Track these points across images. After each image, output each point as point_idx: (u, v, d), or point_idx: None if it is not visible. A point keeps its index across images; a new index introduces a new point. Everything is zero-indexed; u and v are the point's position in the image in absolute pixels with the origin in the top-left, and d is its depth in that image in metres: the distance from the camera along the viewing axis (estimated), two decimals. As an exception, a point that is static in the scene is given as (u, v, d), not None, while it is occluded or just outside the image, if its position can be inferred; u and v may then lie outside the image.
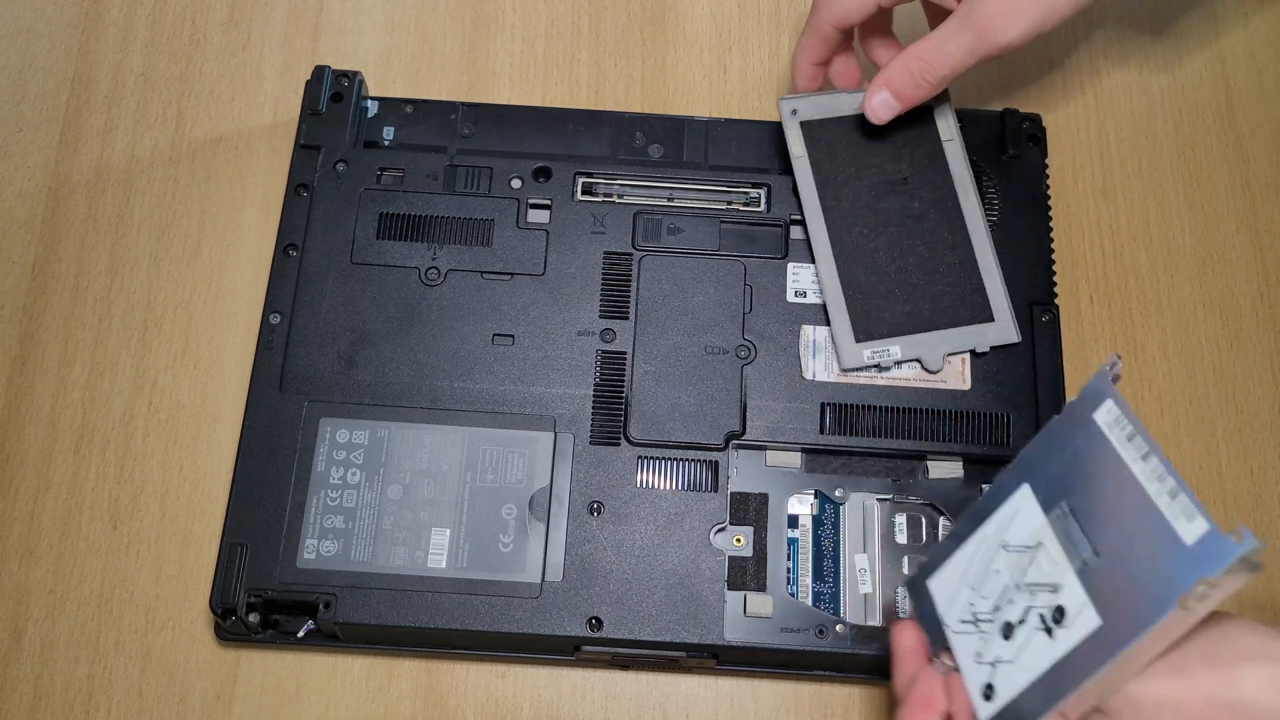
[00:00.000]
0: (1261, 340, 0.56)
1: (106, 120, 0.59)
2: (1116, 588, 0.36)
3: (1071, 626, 0.37)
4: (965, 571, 0.42)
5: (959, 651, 0.41)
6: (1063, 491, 0.40)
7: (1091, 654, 0.36)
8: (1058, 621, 0.38)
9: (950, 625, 0.42)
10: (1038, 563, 0.40)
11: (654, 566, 0.49)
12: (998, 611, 0.40)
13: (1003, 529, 0.42)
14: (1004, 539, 0.41)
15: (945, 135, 0.55)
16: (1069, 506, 0.39)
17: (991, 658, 0.40)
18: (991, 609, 0.41)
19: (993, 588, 0.41)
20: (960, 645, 0.42)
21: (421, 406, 0.51)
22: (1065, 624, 0.38)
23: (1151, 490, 0.36)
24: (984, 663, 0.40)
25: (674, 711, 0.50)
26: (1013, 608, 0.40)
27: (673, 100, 0.61)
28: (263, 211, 0.58)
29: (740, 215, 0.55)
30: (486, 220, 0.55)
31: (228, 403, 0.54)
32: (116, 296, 0.56)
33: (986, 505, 0.42)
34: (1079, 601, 0.37)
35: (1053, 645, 0.38)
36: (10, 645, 0.50)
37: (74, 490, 0.53)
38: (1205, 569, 0.34)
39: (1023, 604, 0.40)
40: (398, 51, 0.61)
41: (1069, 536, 0.39)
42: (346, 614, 0.48)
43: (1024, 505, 0.41)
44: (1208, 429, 0.55)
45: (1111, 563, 0.37)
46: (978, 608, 0.41)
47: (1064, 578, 0.38)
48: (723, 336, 0.53)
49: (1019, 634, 0.39)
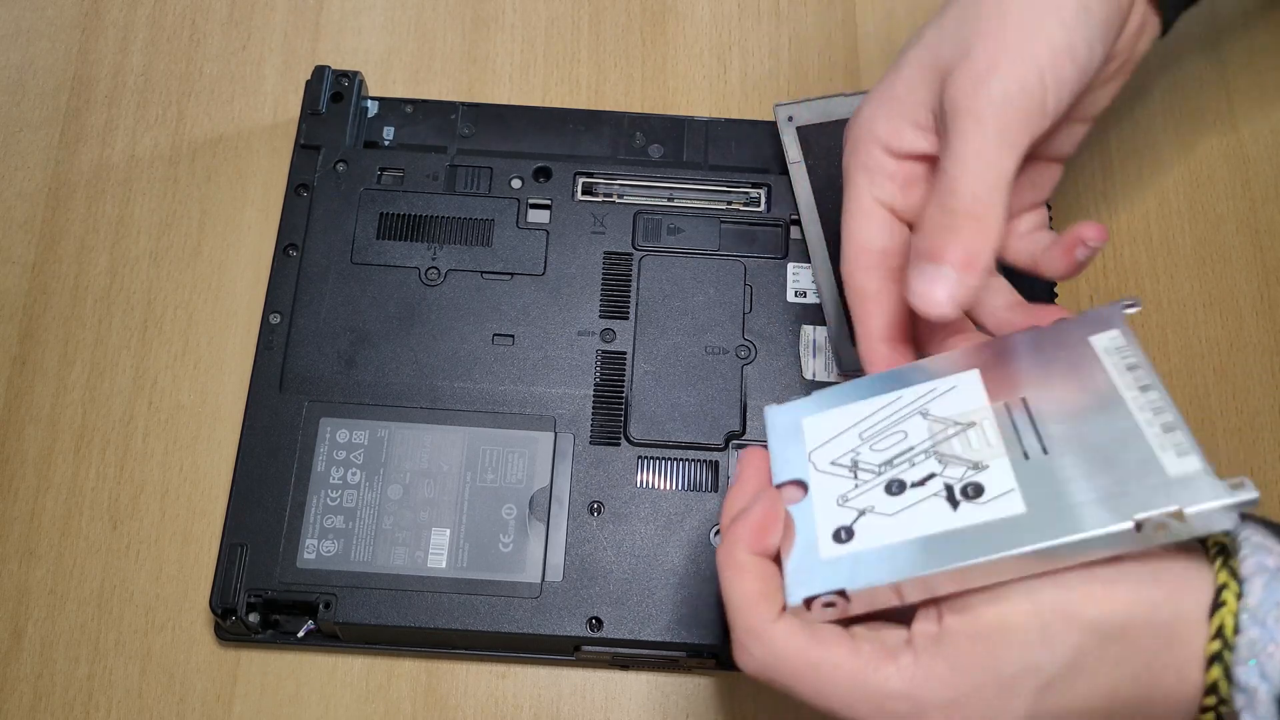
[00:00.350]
0: (1261, 340, 0.57)
1: (106, 120, 0.59)
2: (1058, 487, 0.34)
3: (985, 506, 0.35)
4: (859, 423, 0.39)
5: (817, 489, 0.38)
6: (1021, 387, 0.37)
7: (997, 538, 0.34)
8: (969, 496, 0.35)
9: (816, 463, 0.38)
10: (965, 438, 0.37)
11: (654, 566, 0.49)
12: (889, 467, 0.37)
13: (926, 399, 0.38)
14: (926, 408, 0.38)
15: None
16: (1025, 401, 0.37)
17: (861, 505, 0.37)
18: (881, 463, 0.37)
19: (891, 445, 0.38)
20: (821, 484, 0.38)
21: (421, 406, 0.51)
22: (978, 501, 0.35)
23: (1142, 419, 0.34)
24: (847, 506, 0.37)
25: (674, 711, 0.50)
26: (912, 470, 0.37)
27: (673, 100, 0.61)
28: (263, 211, 0.58)
29: (740, 215, 0.55)
30: (486, 220, 0.55)
31: (228, 403, 0.54)
32: (116, 296, 0.56)
33: (906, 376, 0.39)
34: (1005, 485, 0.35)
35: (951, 516, 0.35)
36: (10, 645, 0.50)
37: (74, 490, 0.53)
38: (1184, 500, 0.32)
39: (927, 469, 0.36)
40: (398, 51, 0.62)
41: (1016, 427, 0.36)
42: (346, 614, 0.48)
43: (965, 385, 0.38)
44: (1208, 429, 0.55)
45: (1061, 464, 0.35)
46: (863, 458, 0.38)
47: (994, 460, 0.36)
48: (723, 336, 0.53)
49: (910, 494, 0.36)
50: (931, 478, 0.36)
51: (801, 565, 0.36)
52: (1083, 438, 0.35)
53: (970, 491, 0.35)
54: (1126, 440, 0.34)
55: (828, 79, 0.61)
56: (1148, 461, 0.33)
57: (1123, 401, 0.35)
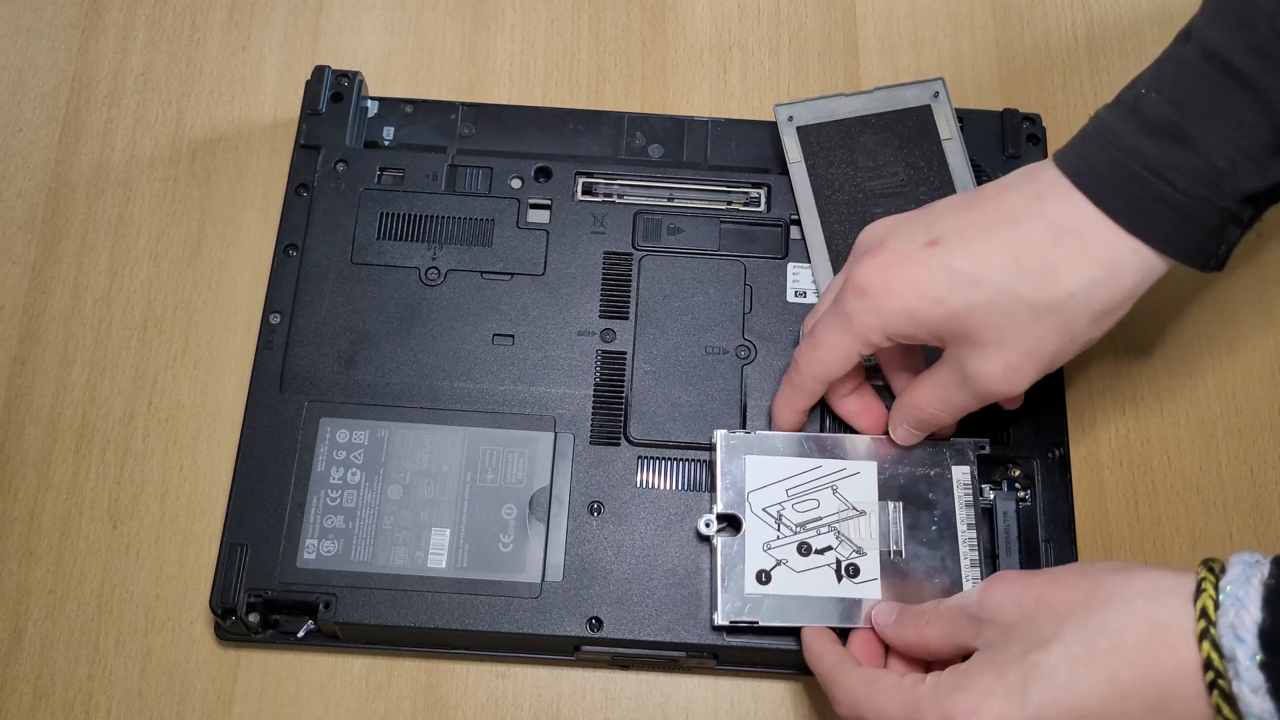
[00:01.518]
0: (1261, 340, 0.56)
1: (106, 120, 0.59)
2: (903, 583, 0.48)
3: (858, 585, 0.47)
4: (789, 478, 0.49)
5: (749, 530, 0.48)
6: (901, 495, 0.49)
7: (857, 613, 0.47)
8: (850, 574, 0.48)
9: (752, 504, 0.49)
10: (857, 523, 0.48)
11: (654, 566, 0.49)
12: (803, 530, 0.48)
13: (837, 477, 0.49)
14: (836, 485, 0.49)
15: (945, 134, 0.55)
16: (902, 509, 0.49)
17: (779, 556, 0.48)
18: (797, 524, 0.48)
19: (807, 510, 0.49)
20: (753, 527, 0.48)
21: (421, 406, 0.51)
22: (854, 580, 0.48)
23: (964, 550, 0.48)
24: (769, 554, 0.48)
25: (674, 711, 0.50)
26: (818, 538, 0.48)
27: (673, 100, 0.61)
28: (263, 211, 0.58)
29: (740, 215, 0.55)
30: (486, 220, 0.55)
31: (228, 403, 0.54)
32: (116, 296, 0.56)
33: (828, 447, 0.50)
34: (872, 574, 0.48)
35: (835, 586, 0.47)
36: (10, 645, 0.50)
37: (74, 490, 0.53)
38: None
39: (827, 541, 0.48)
40: (398, 51, 0.62)
41: (889, 527, 0.48)
42: (346, 614, 0.48)
43: (866, 475, 0.49)
44: (1208, 429, 0.55)
45: (910, 567, 0.48)
46: (786, 514, 0.48)
47: (870, 551, 0.48)
48: (723, 336, 0.53)
49: (813, 558, 0.48)
50: (829, 549, 0.48)
51: (731, 593, 0.47)
52: (928, 553, 0.48)
53: (851, 571, 0.48)
54: (946, 564, 0.48)
55: (828, 79, 0.61)
56: (956, 583, 0.48)
57: (957, 536, 0.48)
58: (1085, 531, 0.52)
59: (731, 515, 0.48)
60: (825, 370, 0.47)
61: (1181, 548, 0.53)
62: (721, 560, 0.48)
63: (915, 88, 0.56)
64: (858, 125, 0.55)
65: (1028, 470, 0.51)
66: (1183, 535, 0.53)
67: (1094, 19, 0.63)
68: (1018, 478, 0.51)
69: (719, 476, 0.49)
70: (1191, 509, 0.53)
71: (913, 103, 0.56)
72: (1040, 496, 0.51)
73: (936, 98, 0.55)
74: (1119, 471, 0.54)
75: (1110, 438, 0.54)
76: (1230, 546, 0.53)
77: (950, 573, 0.48)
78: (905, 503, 0.49)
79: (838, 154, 0.55)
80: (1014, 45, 0.62)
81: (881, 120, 0.55)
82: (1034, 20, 0.63)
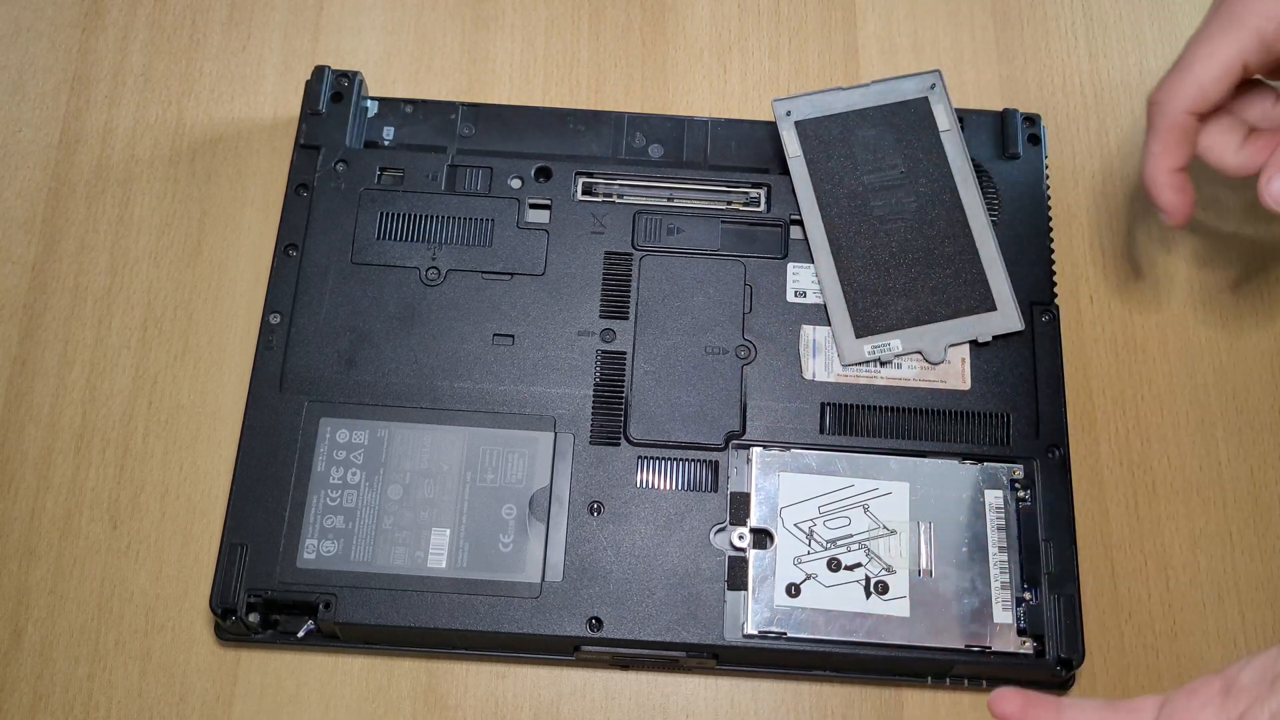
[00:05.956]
0: (1261, 340, 0.56)
1: (106, 120, 0.59)
2: (934, 606, 0.48)
3: (887, 602, 0.48)
4: (820, 495, 0.50)
5: (781, 543, 0.49)
6: (932, 516, 0.50)
7: (885, 630, 0.48)
8: (879, 592, 0.48)
9: (785, 521, 0.49)
10: (887, 542, 0.49)
11: (654, 566, 0.49)
12: (834, 546, 0.49)
13: (869, 496, 0.50)
14: (868, 504, 0.50)
15: (943, 126, 0.55)
16: (933, 529, 0.49)
17: (809, 570, 0.49)
18: (828, 540, 0.49)
19: (838, 527, 0.49)
20: (785, 541, 0.49)
21: (421, 406, 0.51)
22: (883, 597, 0.48)
23: (995, 572, 0.49)
24: (799, 568, 0.49)
25: (674, 711, 0.50)
26: (848, 555, 0.49)
27: (673, 100, 0.61)
28: (263, 211, 0.58)
29: (740, 215, 0.55)
30: (486, 220, 0.55)
31: (228, 403, 0.54)
32: (116, 296, 0.56)
33: (864, 468, 0.50)
34: (901, 592, 0.48)
35: (864, 602, 0.48)
36: (10, 645, 0.50)
37: (74, 490, 0.53)
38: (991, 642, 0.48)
39: (857, 558, 0.49)
40: (398, 51, 0.62)
41: (918, 547, 0.49)
42: (346, 614, 0.48)
43: (898, 494, 0.50)
44: (1208, 429, 0.55)
45: (940, 588, 0.48)
46: (817, 530, 0.49)
47: (900, 569, 0.49)
48: (723, 336, 0.53)
49: (842, 574, 0.49)
50: (858, 566, 0.49)
51: (762, 604, 0.48)
52: (958, 574, 0.49)
53: (880, 588, 0.48)
54: (977, 586, 0.48)
55: (828, 79, 0.61)
56: (986, 605, 0.48)
57: (988, 558, 0.49)
58: (1085, 532, 0.52)
59: (763, 529, 0.49)
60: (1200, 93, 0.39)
61: (1181, 548, 0.53)
62: (753, 572, 0.48)
63: (912, 80, 0.56)
64: (856, 119, 0.55)
65: (1028, 470, 0.51)
66: (1183, 535, 0.53)
67: (1094, 19, 0.63)
68: (1018, 478, 0.51)
69: (753, 492, 0.50)
70: (1191, 509, 0.53)
71: (910, 95, 0.56)
72: (1040, 497, 0.51)
73: (933, 90, 0.55)
74: (1119, 471, 0.54)
75: (1110, 438, 0.54)
76: (1230, 546, 0.53)
77: (980, 594, 0.48)
78: (936, 523, 0.49)
79: (837, 148, 0.55)
80: (1014, 45, 0.62)
81: (879, 113, 0.55)
82: (1034, 20, 0.63)
